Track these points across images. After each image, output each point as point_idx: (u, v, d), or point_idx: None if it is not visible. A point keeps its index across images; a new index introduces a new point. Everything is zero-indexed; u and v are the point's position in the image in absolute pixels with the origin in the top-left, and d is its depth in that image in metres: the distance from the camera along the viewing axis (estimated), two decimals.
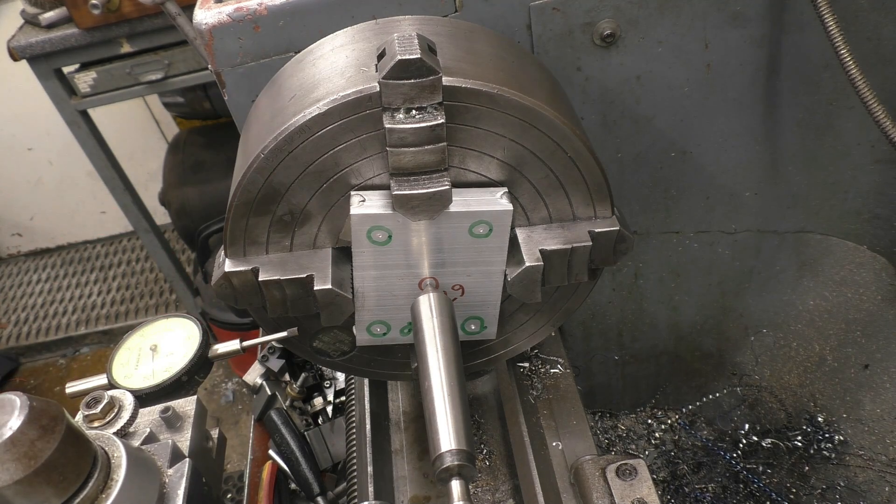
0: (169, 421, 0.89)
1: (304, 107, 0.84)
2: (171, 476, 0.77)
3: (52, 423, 0.63)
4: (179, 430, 0.90)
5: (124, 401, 0.85)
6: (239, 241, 0.92)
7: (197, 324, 1.00)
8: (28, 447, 0.60)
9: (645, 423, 1.81)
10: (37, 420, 0.61)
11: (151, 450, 0.79)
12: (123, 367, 0.97)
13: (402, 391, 1.38)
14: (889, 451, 1.48)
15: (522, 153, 0.90)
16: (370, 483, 1.12)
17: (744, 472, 1.61)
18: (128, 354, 0.99)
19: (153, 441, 0.85)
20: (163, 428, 0.90)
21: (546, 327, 1.11)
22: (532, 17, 1.15)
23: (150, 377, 0.94)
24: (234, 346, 1.01)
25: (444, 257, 0.95)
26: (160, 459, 0.78)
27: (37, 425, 0.61)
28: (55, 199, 4.75)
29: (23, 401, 0.61)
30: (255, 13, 1.08)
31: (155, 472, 0.76)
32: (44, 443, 0.61)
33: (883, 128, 1.11)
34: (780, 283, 1.61)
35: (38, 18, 2.80)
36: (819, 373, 1.63)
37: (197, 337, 0.99)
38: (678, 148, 1.36)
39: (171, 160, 3.48)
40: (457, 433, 0.80)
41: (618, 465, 0.93)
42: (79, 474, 0.65)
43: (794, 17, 1.21)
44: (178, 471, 0.77)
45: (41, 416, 0.62)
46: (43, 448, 0.61)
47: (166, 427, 0.90)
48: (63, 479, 0.64)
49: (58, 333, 4.30)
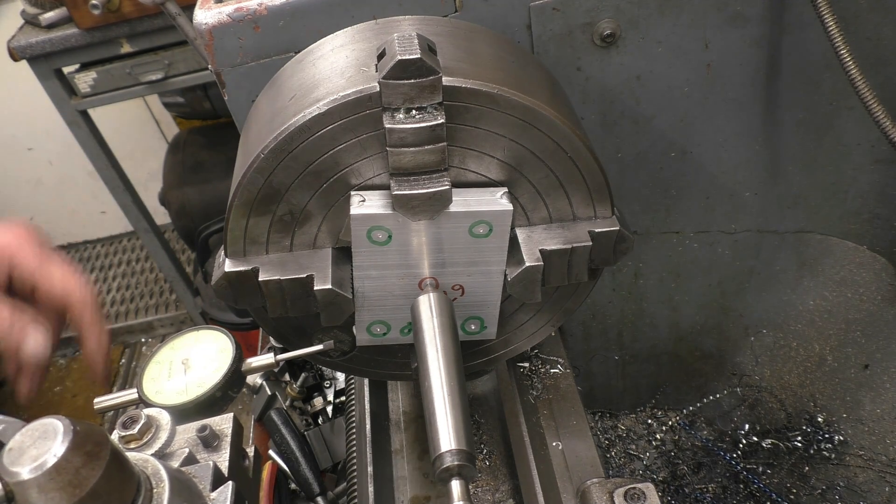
0: (206, 440, 0.83)
1: (304, 107, 0.84)
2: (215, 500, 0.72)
3: (97, 449, 0.59)
4: (217, 450, 0.84)
5: (161, 420, 0.80)
6: (239, 241, 0.92)
7: (229, 336, 0.94)
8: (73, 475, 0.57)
9: (645, 423, 1.81)
10: (81, 446, 0.57)
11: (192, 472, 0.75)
12: (154, 382, 0.92)
13: (402, 391, 1.38)
14: (889, 451, 1.47)
15: (522, 153, 0.90)
16: (370, 483, 1.12)
17: (744, 472, 1.61)
18: (158, 368, 0.94)
19: (192, 462, 0.80)
20: (199, 447, 0.84)
21: (546, 327, 1.11)
22: (532, 17, 1.15)
23: (182, 392, 0.89)
24: (269, 360, 0.96)
25: (444, 257, 0.95)
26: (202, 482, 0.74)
27: (81, 451, 0.57)
28: (55, 199, 4.75)
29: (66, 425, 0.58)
30: (255, 13, 1.08)
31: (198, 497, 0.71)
32: (89, 470, 0.58)
33: (883, 128, 1.11)
34: (780, 283, 1.61)
35: (39, 18, 2.80)
36: (819, 373, 1.63)
37: (230, 350, 0.94)
38: (678, 148, 1.36)
39: (171, 160, 3.48)
40: (457, 433, 0.80)
41: (626, 490, 0.91)
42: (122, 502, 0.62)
43: (794, 17, 1.21)
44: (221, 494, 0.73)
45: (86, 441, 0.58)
46: (88, 476, 0.57)
47: (203, 446, 0.84)
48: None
49: None
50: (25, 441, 0.58)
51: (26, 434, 0.58)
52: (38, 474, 0.55)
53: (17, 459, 0.57)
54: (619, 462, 1.73)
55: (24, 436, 0.58)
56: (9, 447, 0.58)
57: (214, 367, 0.92)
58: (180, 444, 0.83)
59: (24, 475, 0.55)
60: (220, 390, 0.90)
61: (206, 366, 0.93)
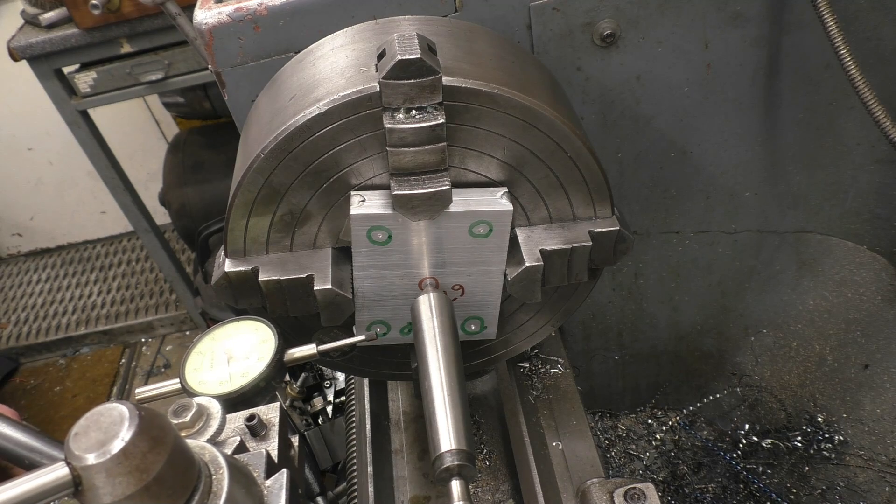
0: (254, 429, 0.83)
1: (304, 107, 0.84)
2: (270, 488, 0.71)
3: (162, 434, 0.58)
4: (265, 439, 0.83)
5: (211, 409, 0.78)
6: (239, 240, 0.92)
7: (271, 326, 0.93)
8: (140, 460, 0.56)
9: (645, 423, 1.81)
10: (147, 430, 0.57)
11: (245, 460, 0.74)
12: (196, 373, 0.91)
13: (402, 391, 1.38)
14: (889, 451, 1.47)
15: (522, 153, 0.90)
16: (370, 483, 1.12)
17: (744, 472, 1.61)
18: (200, 359, 0.93)
19: (243, 451, 0.79)
20: (247, 436, 0.83)
21: (546, 327, 1.11)
22: (532, 17, 1.15)
23: (226, 382, 0.89)
24: (311, 350, 0.94)
25: (444, 257, 0.95)
26: (255, 470, 0.73)
27: (147, 436, 0.57)
28: (55, 199, 4.75)
29: (131, 410, 0.57)
30: (255, 13, 1.08)
31: (254, 485, 0.70)
32: (154, 455, 0.57)
33: (883, 128, 1.11)
34: (780, 283, 1.61)
35: (39, 18, 2.80)
36: (819, 373, 1.63)
37: (272, 340, 0.92)
38: (678, 148, 1.36)
39: (171, 160, 3.47)
40: (457, 433, 0.80)
41: (626, 490, 0.92)
42: (185, 488, 0.61)
43: (794, 17, 1.21)
44: (276, 482, 0.71)
45: (151, 426, 0.57)
46: (154, 461, 0.57)
47: (250, 435, 0.83)
48: (172, 493, 0.59)
49: (58, 333, 4.30)
50: (90, 426, 0.57)
51: (90, 419, 0.57)
52: (106, 459, 0.55)
53: (84, 444, 0.56)
54: (619, 462, 1.73)
55: (89, 420, 0.57)
56: (74, 432, 0.57)
57: (257, 357, 0.91)
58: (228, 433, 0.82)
59: (92, 460, 0.55)
60: (264, 380, 0.89)
61: (249, 356, 0.92)
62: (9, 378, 4.17)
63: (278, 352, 0.91)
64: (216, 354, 0.93)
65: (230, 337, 0.95)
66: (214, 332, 0.96)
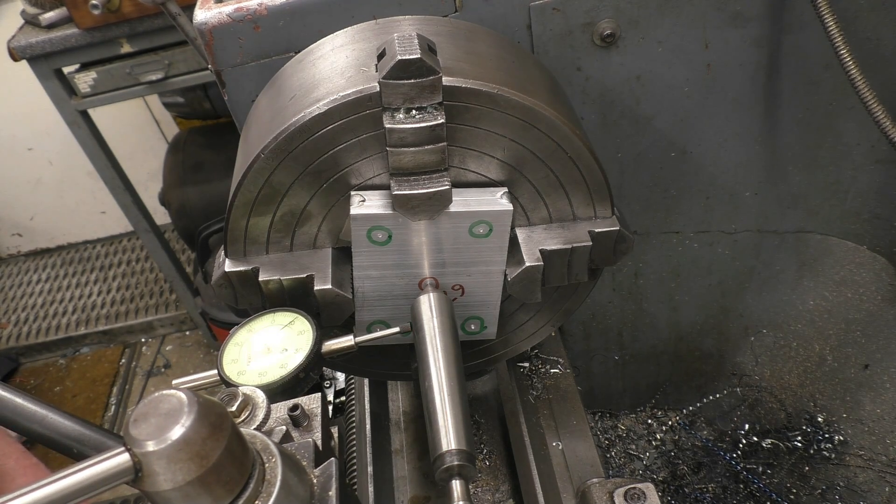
0: (296, 419, 0.83)
1: (304, 107, 0.84)
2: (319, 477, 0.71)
3: (220, 421, 0.58)
4: (308, 430, 0.83)
5: (257, 398, 0.79)
6: (239, 240, 0.92)
7: (308, 318, 0.93)
8: (200, 446, 0.55)
9: (645, 423, 1.81)
10: (206, 417, 0.56)
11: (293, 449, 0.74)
12: (234, 364, 0.91)
13: (402, 391, 1.38)
14: (889, 451, 1.47)
15: (522, 153, 0.90)
16: (370, 483, 1.12)
17: (744, 472, 1.61)
18: (237, 350, 0.92)
19: (289, 440, 0.79)
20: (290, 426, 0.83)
21: (546, 327, 1.11)
22: (532, 17, 1.15)
23: (265, 373, 0.89)
24: (349, 342, 0.94)
25: (444, 257, 0.95)
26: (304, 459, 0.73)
27: (207, 423, 0.56)
28: (55, 199, 4.75)
29: (190, 396, 0.57)
30: (255, 13, 1.08)
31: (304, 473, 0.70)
32: (213, 441, 0.56)
33: (883, 128, 1.11)
34: (780, 283, 1.61)
35: (39, 19, 2.80)
36: (819, 373, 1.63)
37: (310, 332, 0.92)
38: (678, 148, 1.36)
39: (171, 160, 3.47)
40: (457, 433, 0.80)
41: (626, 489, 0.92)
42: (242, 474, 0.61)
43: (794, 17, 1.21)
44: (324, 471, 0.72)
45: (209, 413, 0.57)
46: (213, 448, 0.56)
47: (293, 426, 0.83)
48: (229, 480, 0.59)
49: (58, 333, 4.30)
50: (149, 412, 0.56)
51: (149, 405, 0.57)
52: (167, 445, 0.54)
53: (144, 430, 0.55)
54: (619, 462, 1.73)
55: (147, 407, 0.56)
56: (133, 418, 0.56)
57: (294, 349, 0.91)
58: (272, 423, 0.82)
59: (153, 446, 0.54)
60: (303, 371, 0.89)
61: (286, 347, 0.91)
62: (9, 378, 4.17)
63: (316, 343, 0.90)
64: (253, 345, 0.92)
65: (266, 328, 0.94)
66: (251, 324, 0.95)
